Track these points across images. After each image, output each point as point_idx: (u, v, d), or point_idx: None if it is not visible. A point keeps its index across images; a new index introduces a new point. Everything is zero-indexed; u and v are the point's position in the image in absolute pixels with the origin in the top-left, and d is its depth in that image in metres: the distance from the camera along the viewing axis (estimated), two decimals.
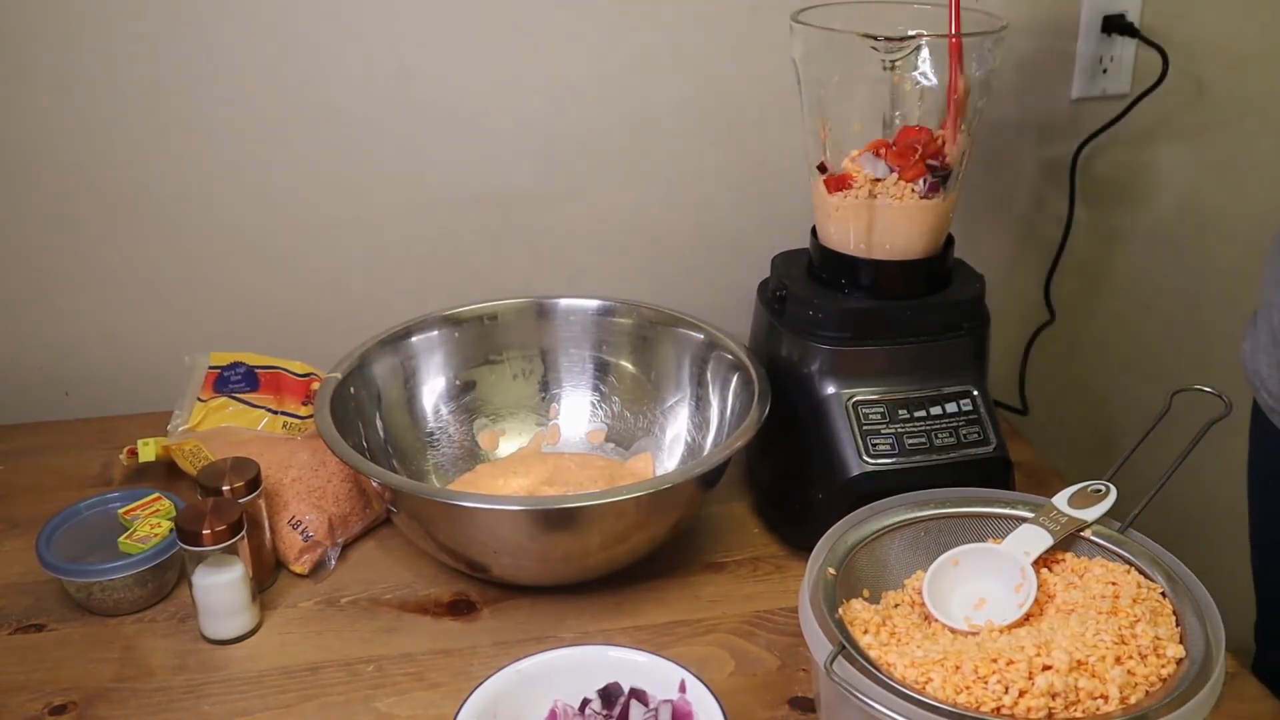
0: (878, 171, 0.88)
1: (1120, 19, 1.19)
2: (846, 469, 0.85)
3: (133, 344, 1.15)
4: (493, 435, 1.03)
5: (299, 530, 0.89)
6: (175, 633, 0.83)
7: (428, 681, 0.78)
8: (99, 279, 1.12)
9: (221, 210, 1.12)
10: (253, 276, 1.15)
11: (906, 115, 0.89)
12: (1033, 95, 1.23)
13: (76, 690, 0.78)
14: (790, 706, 0.76)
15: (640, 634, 0.83)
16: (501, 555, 0.82)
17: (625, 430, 1.03)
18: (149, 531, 0.85)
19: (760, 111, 1.16)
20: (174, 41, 1.05)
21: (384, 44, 1.08)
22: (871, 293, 0.89)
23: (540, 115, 1.13)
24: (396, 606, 0.86)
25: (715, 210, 1.20)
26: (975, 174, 1.21)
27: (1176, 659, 0.64)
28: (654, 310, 1.03)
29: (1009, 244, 1.30)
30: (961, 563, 0.74)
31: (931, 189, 0.87)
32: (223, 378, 1.02)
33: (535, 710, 0.68)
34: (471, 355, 1.03)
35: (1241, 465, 1.04)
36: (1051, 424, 1.33)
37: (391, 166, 1.13)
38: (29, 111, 1.05)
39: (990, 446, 0.87)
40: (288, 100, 1.08)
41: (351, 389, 0.94)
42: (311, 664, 0.80)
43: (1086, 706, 0.61)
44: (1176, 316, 1.38)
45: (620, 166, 1.17)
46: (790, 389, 0.89)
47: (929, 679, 0.62)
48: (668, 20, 1.12)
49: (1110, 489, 0.75)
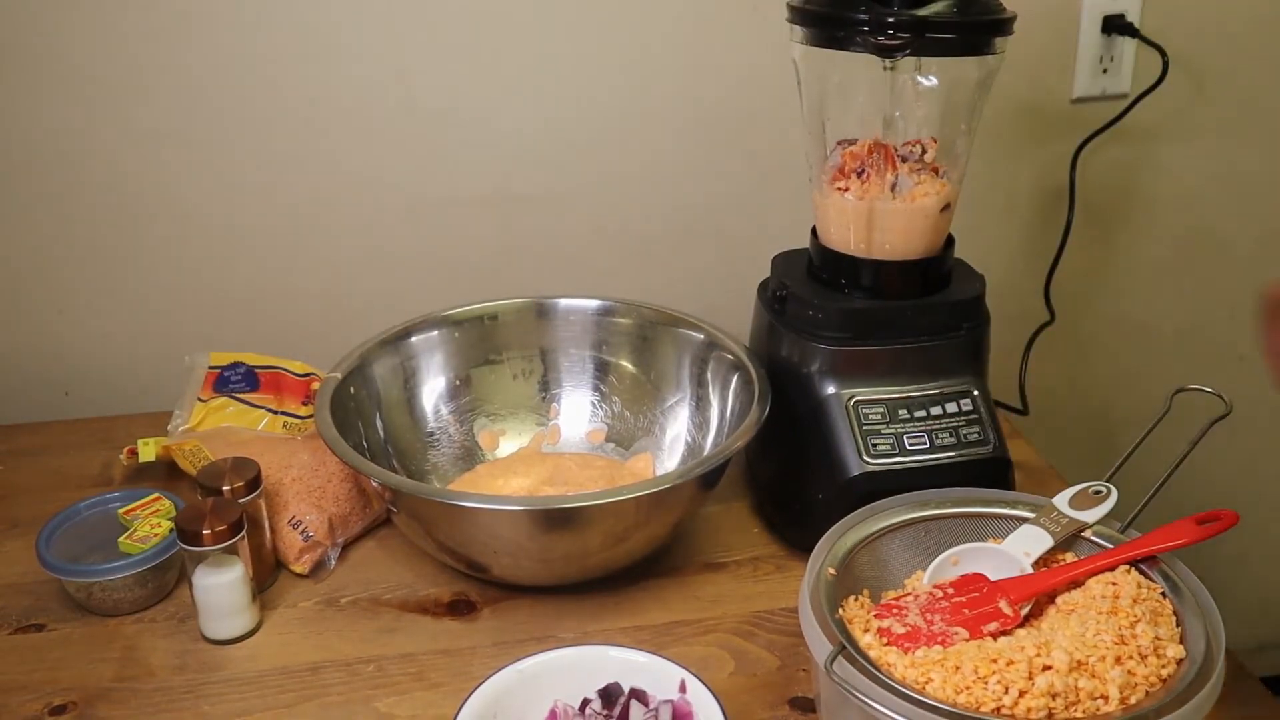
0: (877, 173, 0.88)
1: (1120, 19, 1.19)
2: (846, 469, 0.85)
3: (133, 344, 1.15)
4: (493, 435, 1.03)
5: (299, 530, 0.89)
6: (175, 633, 0.83)
7: (428, 681, 0.78)
8: (99, 279, 1.13)
9: (222, 210, 1.12)
10: (253, 276, 1.15)
11: (906, 115, 0.89)
12: (1033, 95, 1.23)
13: (76, 690, 0.78)
14: (790, 706, 0.76)
15: (640, 634, 0.83)
16: (501, 555, 0.82)
17: (625, 430, 1.03)
18: (149, 531, 0.85)
19: (760, 111, 1.16)
20: (176, 43, 1.05)
21: (384, 45, 1.08)
22: (871, 293, 0.89)
23: (540, 115, 1.13)
24: (396, 606, 0.86)
25: (715, 210, 1.20)
26: (975, 174, 1.21)
27: (1176, 659, 0.64)
28: (654, 310, 1.03)
29: (1009, 244, 1.30)
30: (961, 562, 0.74)
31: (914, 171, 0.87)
32: (223, 378, 1.02)
33: (535, 710, 0.68)
34: (471, 355, 1.03)
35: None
36: (1051, 424, 1.33)
37: (392, 167, 1.13)
38: (29, 112, 1.05)
39: (990, 446, 0.87)
40: (288, 101, 1.08)
41: (351, 389, 0.94)
42: (311, 664, 0.80)
43: (1086, 707, 0.61)
44: (1177, 316, 1.38)
45: (620, 166, 1.17)
46: (790, 389, 0.89)
47: (929, 679, 0.62)
48: (667, 20, 1.12)
49: (1111, 490, 0.75)
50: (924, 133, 0.89)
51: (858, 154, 0.89)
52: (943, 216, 0.89)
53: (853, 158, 0.89)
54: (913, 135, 0.89)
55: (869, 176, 0.88)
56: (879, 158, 0.88)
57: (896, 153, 0.88)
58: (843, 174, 0.89)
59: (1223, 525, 0.68)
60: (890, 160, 0.88)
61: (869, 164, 0.88)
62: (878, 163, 0.88)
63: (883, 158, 0.88)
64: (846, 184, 0.89)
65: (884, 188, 0.87)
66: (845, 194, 0.88)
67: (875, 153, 0.88)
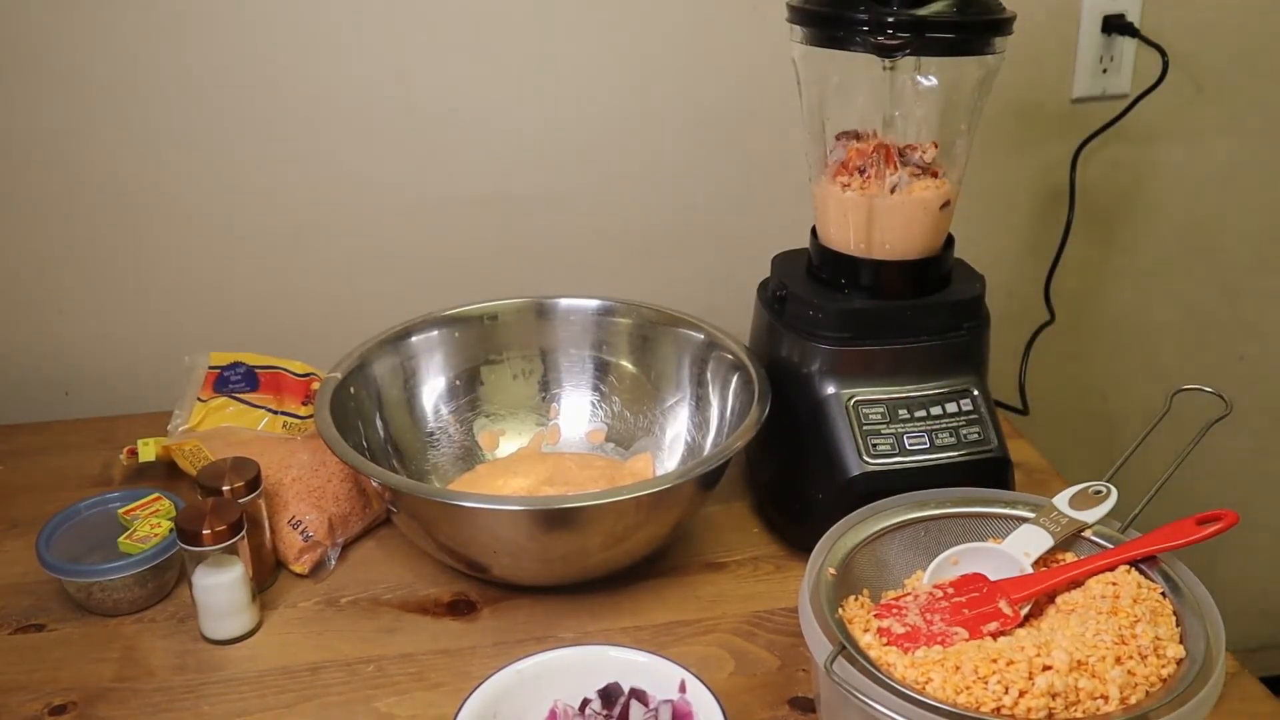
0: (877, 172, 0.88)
1: (1120, 19, 1.19)
2: (846, 469, 0.85)
3: (133, 344, 1.15)
4: (493, 435, 1.03)
5: (299, 530, 0.89)
6: (175, 633, 0.83)
7: (428, 681, 0.78)
8: (99, 279, 1.13)
9: (222, 210, 1.12)
10: (253, 276, 1.15)
11: (906, 115, 0.89)
12: (1033, 95, 1.23)
13: (76, 690, 0.78)
14: (790, 706, 0.76)
15: (640, 634, 0.83)
16: (501, 555, 0.82)
17: (625, 430, 1.03)
18: (149, 531, 0.85)
19: (760, 111, 1.16)
20: (176, 43, 1.05)
21: (384, 45, 1.08)
22: (871, 293, 0.89)
23: (540, 115, 1.13)
24: (396, 606, 0.86)
25: (715, 210, 1.20)
26: (975, 174, 1.21)
27: (1176, 659, 0.64)
28: (654, 310, 1.03)
29: (1009, 244, 1.30)
30: (961, 562, 0.74)
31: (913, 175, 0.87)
32: (223, 378, 1.02)
33: (535, 710, 0.68)
34: (471, 355, 1.03)
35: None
36: (1051, 424, 1.33)
37: (392, 167, 1.13)
38: (30, 112, 1.05)
39: (990, 446, 0.87)
40: (288, 101, 1.09)
41: (351, 389, 0.94)
42: (311, 664, 0.80)
43: (1086, 707, 0.61)
44: (1176, 316, 1.38)
45: (620, 166, 1.17)
46: (790, 389, 0.89)
47: (929, 679, 0.62)
48: (667, 20, 1.12)
49: (1111, 490, 0.75)
50: (924, 132, 0.89)
51: (863, 150, 0.89)
52: (943, 214, 0.89)
53: (858, 154, 0.89)
54: (913, 135, 0.89)
55: (870, 177, 0.88)
56: (879, 158, 0.88)
57: (898, 154, 0.88)
58: (845, 169, 0.89)
59: (1223, 525, 0.68)
60: (891, 160, 0.88)
61: (870, 163, 0.88)
62: (878, 163, 0.88)
63: (884, 158, 0.88)
64: (849, 179, 0.89)
65: (884, 189, 0.87)
66: (846, 189, 0.89)
67: (877, 152, 0.88)
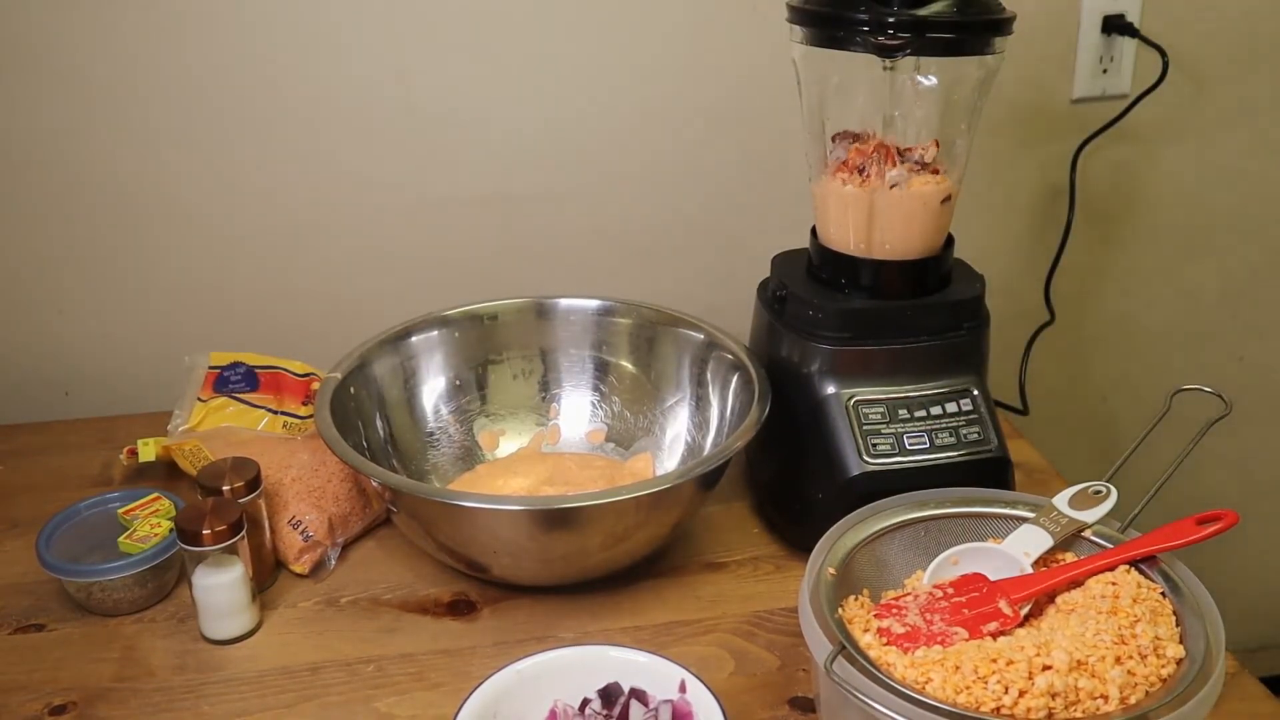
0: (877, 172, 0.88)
1: (1120, 19, 1.19)
2: (846, 469, 0.85)
3: (133, 344, 1.15)
4: (493, 435, 1.03)
5: (299, 530, 0.89)
6: (175, 633, 0.83)
7: (428, 681, 0.78)
8: (99, 279, 1.13)
9: (222, 210, 1.12)
10: (253, 276, 1.15)
11: (906, 115, 0.89)
12: (1033, 95, 1.23)
13: (76, 690, 0.78)
14: (790, 706, 0.76)
15: (640, 634, 0.83)
16: (501, 555, 0.82)
17: (625, 430, 1.03)
18: (149, 531, 0.85)
19: (760, 112, 1.16)
20: (176, 43, 1.05)
21: (384, 45, 1.08)
22: (871, 293, 0.89)
23: (540, 115, 1.13)
24: (396, 606, 0.86)
25: (715, 210, 1.20)
26: (975, 174, 1.21)
27: (1176, 659, 0.64)
28: (654, 310, 1.03)
29: (1009, 244, 1.30)
30: (961, 562, 0.74)
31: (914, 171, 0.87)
32: (223, 378, 1.02)
33: (535, 710, 0.68)
34: (471, 355, 1.03)
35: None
36: (1051, 424, 1.33)
37: (392, 167, 1.13)
38: (30, 112, 1.05)
39: (990, 446, 0.87)
40: (288, 101, 1.08)
41: (351, 389, 0.94)
42: (311, 664, 0.80)
43: (1086, 706, 0.61)
44: (1176, 316, 1.38)
45: (620, 166, 1.17)
46: (790, 389, 0.89)
47: (929, 679, 0.62)
48: (667, 21, 1.12)
49: (1111, 490, 0.75)
50: (924, 132, 0.89)
51: (864, 150, 0.89)
52: (943, 210, 0.89)
53: (859, 154, 0.89)
54: (913, 135, 0.89)
55: (870, 175, 0.88)
56: (880, 157, 0.88)
57: (898, 154, 0.88)
58: (846, 167, 0.89)
59: (1223, 525, 0.68)
60: (891, 160, 0.88)
61: (870, 162, 0.88)
62: (878, 162, 0.88)
63: (884, 158, 0.88)
64: (848, 176, 0.89)
65: (884, 188, 0.87)
66: (845, 186, 0.88)
67: (878, 152, 0.88)
